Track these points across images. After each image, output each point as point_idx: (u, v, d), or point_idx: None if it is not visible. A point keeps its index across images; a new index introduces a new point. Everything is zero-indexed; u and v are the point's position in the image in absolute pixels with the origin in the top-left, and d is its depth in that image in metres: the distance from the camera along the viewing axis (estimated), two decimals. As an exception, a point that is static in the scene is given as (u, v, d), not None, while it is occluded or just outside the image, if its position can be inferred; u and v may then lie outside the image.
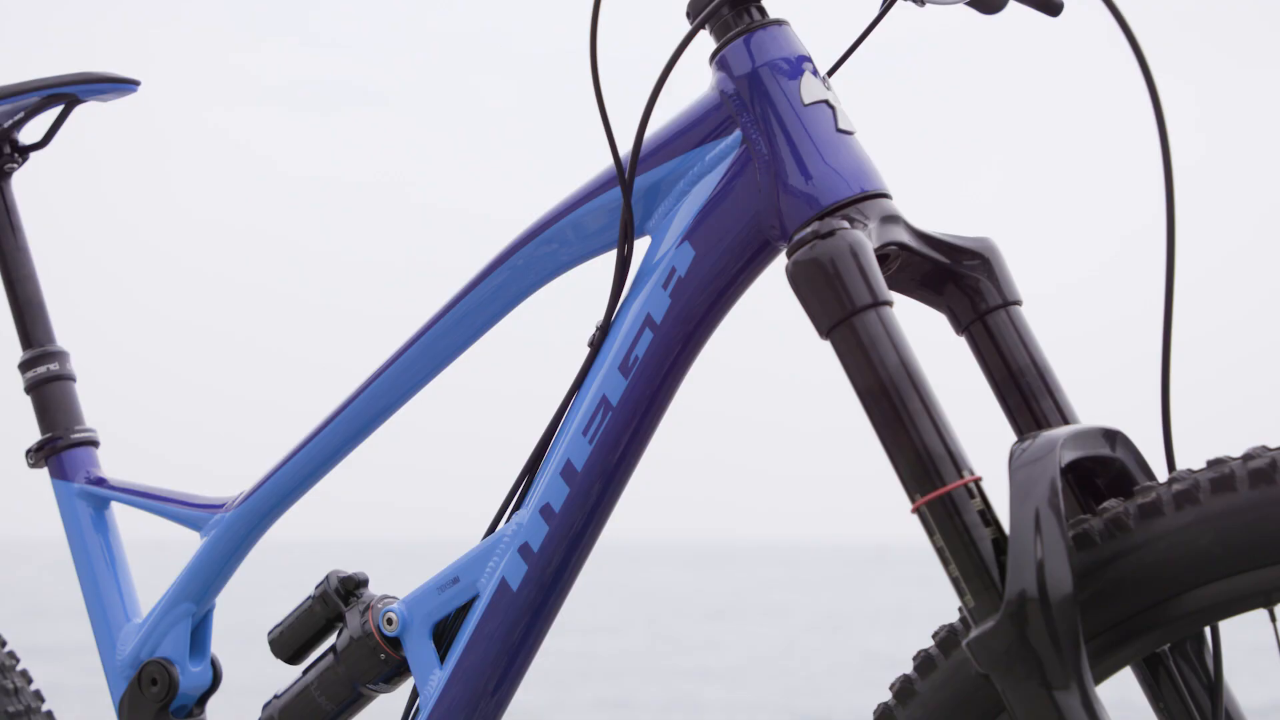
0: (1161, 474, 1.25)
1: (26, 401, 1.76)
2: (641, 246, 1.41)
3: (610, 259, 1.41)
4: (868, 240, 1.25)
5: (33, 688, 1.77)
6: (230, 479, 1.65)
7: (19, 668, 1.78)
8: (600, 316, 1.41)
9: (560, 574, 1.41)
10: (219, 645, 1.68)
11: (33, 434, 1.75)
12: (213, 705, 1.67)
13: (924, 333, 1.29)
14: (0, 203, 1.78)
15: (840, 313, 1.23)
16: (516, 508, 1.43)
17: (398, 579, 1.56)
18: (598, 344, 1.41)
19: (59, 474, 1.73)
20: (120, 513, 1.74)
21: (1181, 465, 1.23)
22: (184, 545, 1.65)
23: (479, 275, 1.47)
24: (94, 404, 1.79)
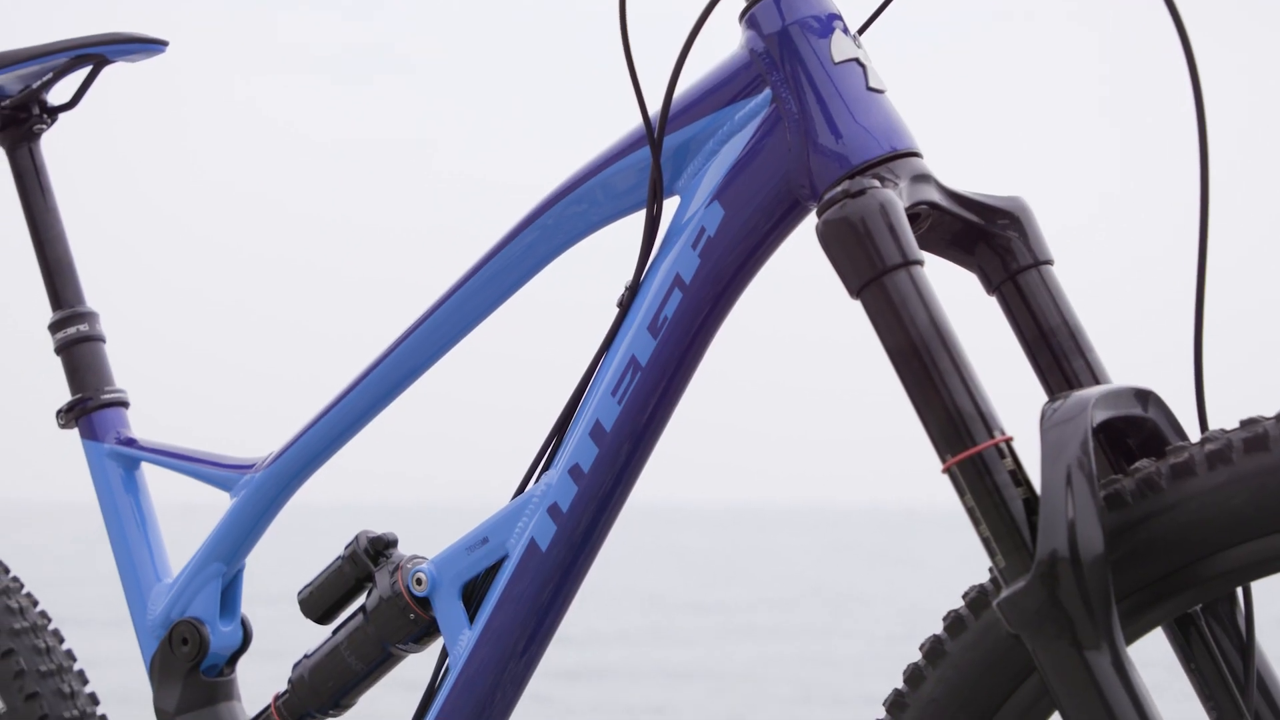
0: (1194, 434, 1.24)
1: (57, 363, 1.77)
2: (670, 206, 1.41)
3: (639, 219, 1.41)
4: (898, 199, 1.24)
5: (64, 647, 1.78)
6: (258, 447, 1.66)
7: (50, 628, 1.79)
8: (629, 277, 1.41)
9: (589, 535, 1.41)
10: (248, 606, 1.69)
11: (63, 395, 1.76)
12: (243, 665, 1.68)
13: (955, 293, 1.28)
14: (30, 163, 1.78)
15: (871, 272, 1.22)
16: (545, 468, 1.43)
17: (426, 542, 1.57)
18: (626, 304, 1.40)
19: (89, 434, 1.73)
20: (150, 476, 1.74)
21: (1214, 425, 1.22)
22: (213, 509, 1.66)
23: (508, 235, 1.47)
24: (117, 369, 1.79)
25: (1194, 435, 1.24)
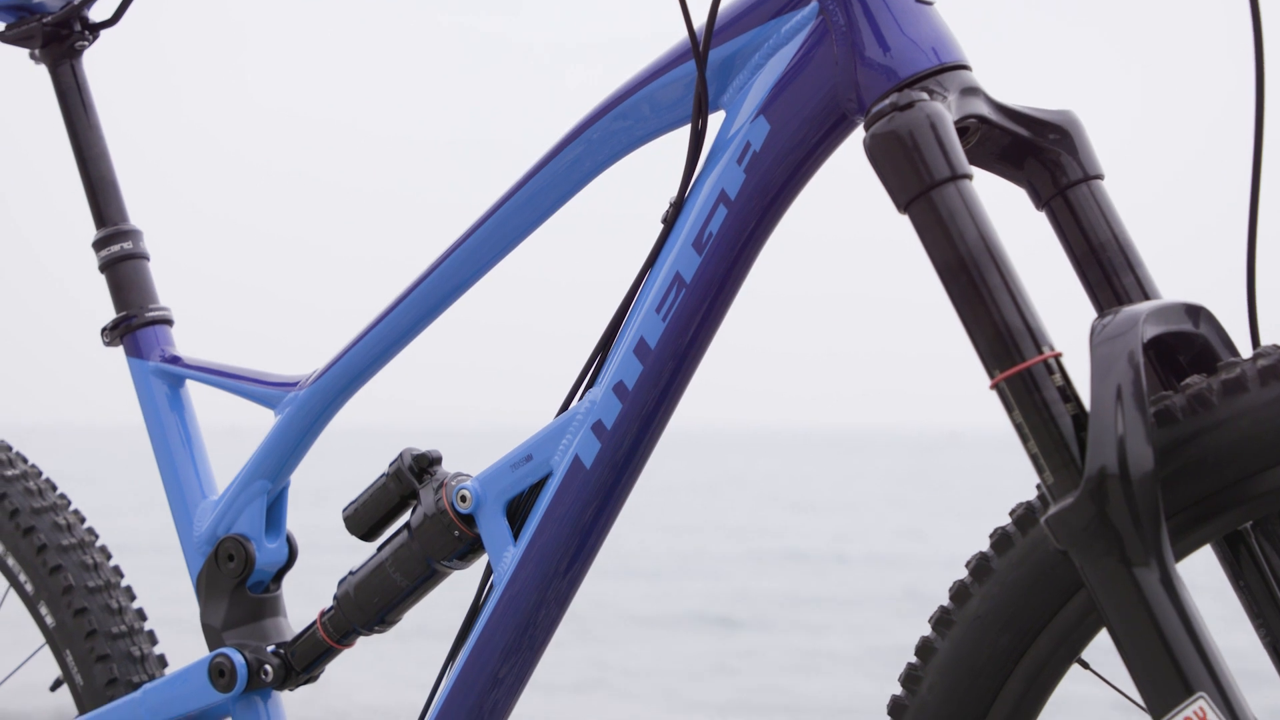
0: (1245, 349, 1.23)
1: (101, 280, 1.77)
2: (716, 121, 1.39)
3: (684, 134, 1.39)
4: (947, 113, 1.23)
5: (111, 563, 1.79)
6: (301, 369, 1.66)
7: (98, 544, 1.80)
8: (674, 192, 1.40)
9: (633, 453, 1.41)
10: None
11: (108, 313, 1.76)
12: (288, 581, 1.69)
13: (1003, 208, 1.26)
14: (72, 80, 1.78)
15: (919, 186, 1.21)
16: (590, 386, 1.43)
17: (469, 463, 1.56)
18: (671, 220, 1.39)
19: (134, 352, 1.74)
20: (195, 396, 1.75)
21: (1266, 340, 1.21)
22: (257, 431, 1.66)
23: (553, 150, 1.45)
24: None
25: (1245, 351, 1.23)
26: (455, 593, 1.59)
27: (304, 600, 1.84)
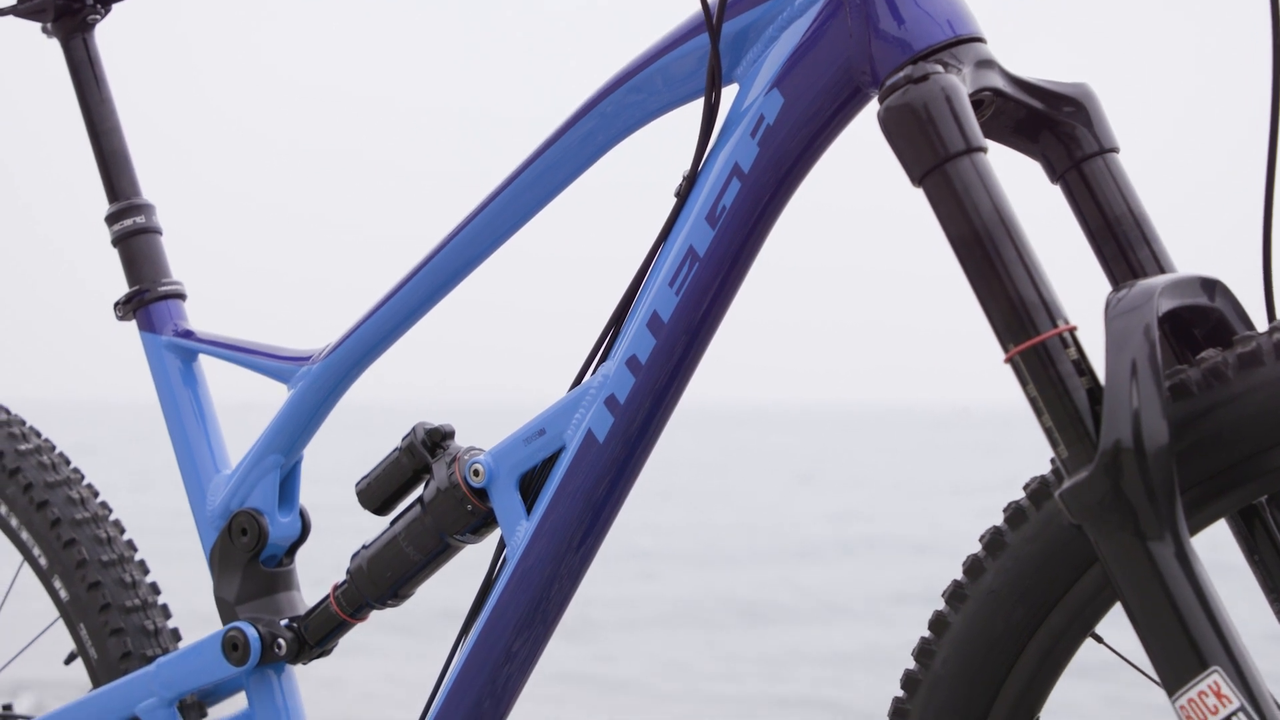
0: (1261, 324, 1.22)
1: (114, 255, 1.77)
2: (729, 95, 1.39)
3: (697, 107, 1.39)
4: (962, 85, 1.22)
5: (125, 538, 1.79)
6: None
7: (111, 518, 1.80)
8: (687, 166, 1.39)
9: (645, 428, 1.41)
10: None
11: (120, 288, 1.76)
12: (301, 555, 1.69)
13: (1018, 181, 1.26)
14: (84, 54, 1.78)
15: (933, 159, 1.20)
16: (603, 359, 1.43)
17: (482, 439, 1.56)
18: (684, 194, 1.39)
19: (147, 326, 1.74)
20: (208, 371, 1.75)
21: (1282, 315, 1.20)
22: (269, 408, 1.66)
23: (566, 124, 1.45)
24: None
25: (1261, 325, 1.22)
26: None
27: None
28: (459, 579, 1.55)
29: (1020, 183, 1.26)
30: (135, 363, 1.76)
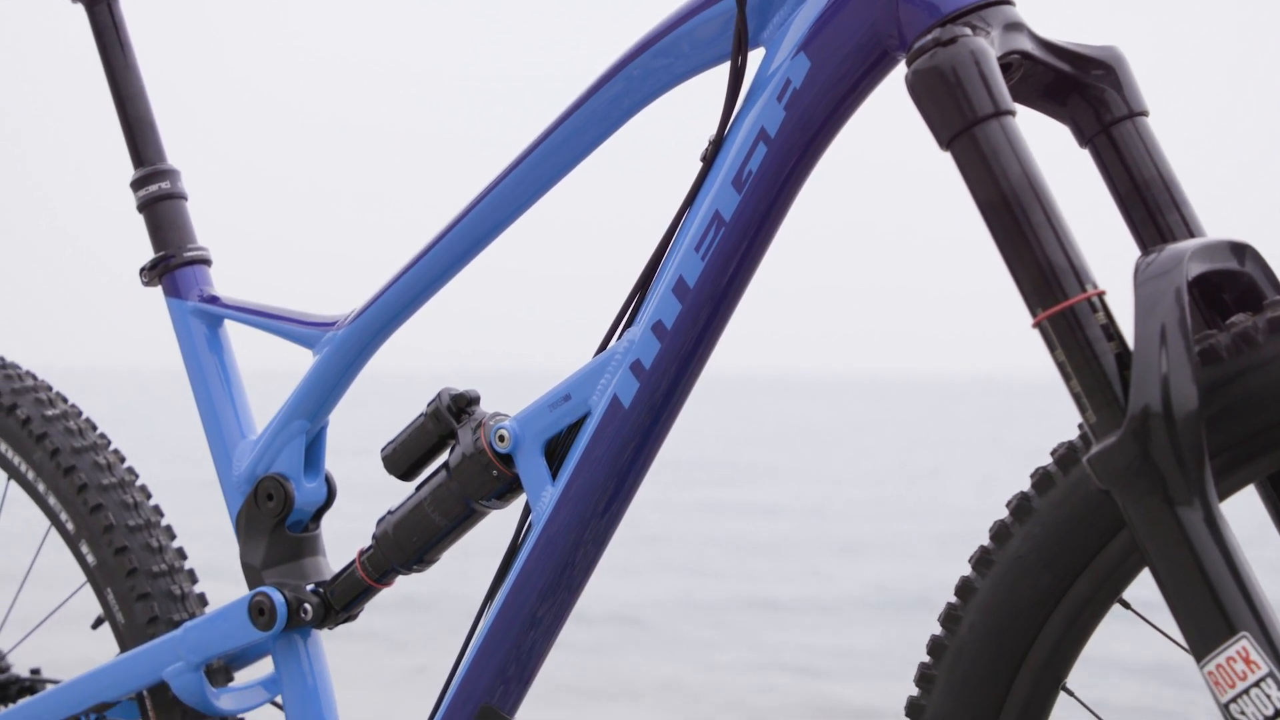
0: (1292, 288, 1.22)
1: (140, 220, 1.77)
2: (756, 58, 1.38)
3: (723, 71, 1.38)
4: (990, 48, 1.21)
5: (151, 503, 1.80)
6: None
7: (138, 483, 1.81)
8: (713, 130, 1.39)
9: (671, 394, 1.40)
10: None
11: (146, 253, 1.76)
12: (326, 521, 1.69)
13: (1046, 146, 1.25)
14: (109, 19, 1.78)
15: (961, 122, 1.19)
16: (629, 325, 1.42)
17: (507, 405, 1.56)
18: (710, 158, 1.38)
19: (173, 292, 1.74)
20: (233, 338, 1.75)
21: (1313, 279, 1.20)
22: (294, 375, 1.66)
23: (592, 87, 1.45)
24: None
25: (1292, 290, 1.21)
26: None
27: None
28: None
29: (1049, 147, 1.25)
30: (161, 329, 1.76)
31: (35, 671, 1.95)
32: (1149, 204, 1.28)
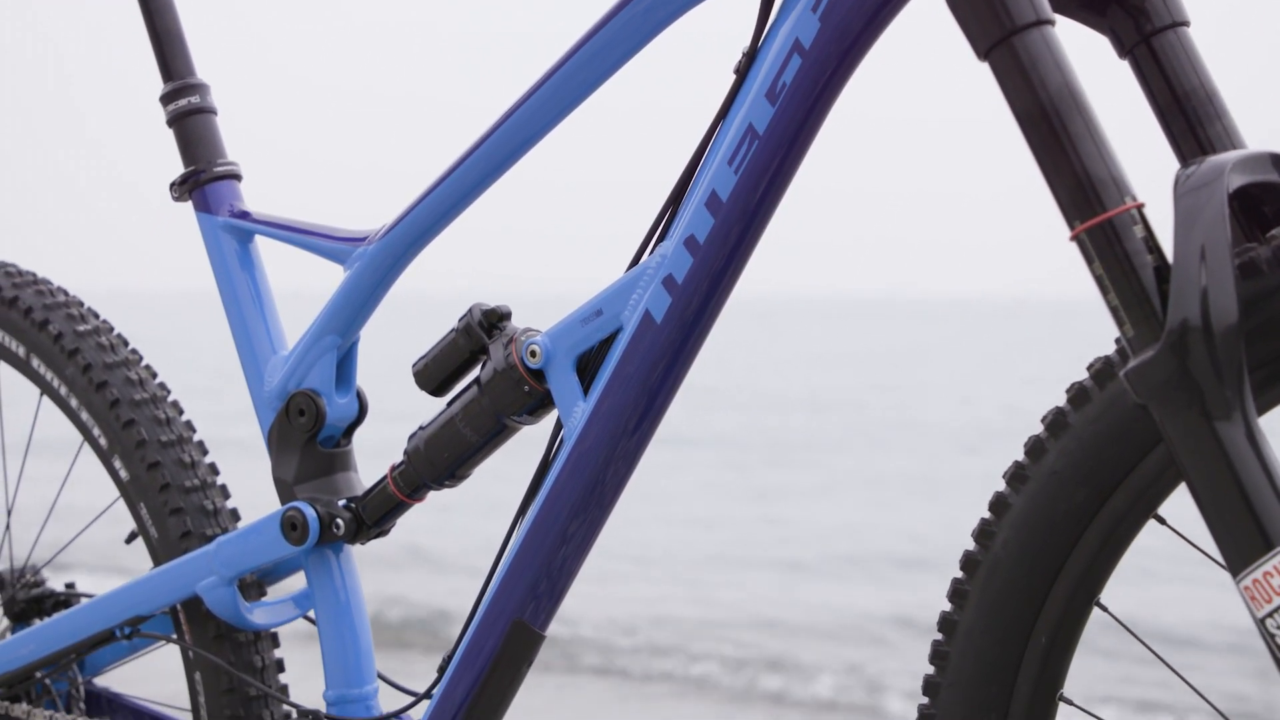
0: (1334, 201, 1.20)
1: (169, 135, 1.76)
2: (790, -31, 1.36)
3: None
4: None
5: (183, 419, 1.80)
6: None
7: (170, 399, 1.81)
8: (746, 42, 1.37)
9: (703, 310, 1.39)
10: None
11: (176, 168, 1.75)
12: (358, 436, 1.69)
13: (1085, 56, 1.23)
14: (135, -70, 1.76)
15: (1000, 32, 1.17)
16: (661, 239, 1.41)
17: (537, 320, 1.55)
18: (744, 71, 1.37)
19: (203, 207, 1.73)
20: (264, 255, 1.74)
21: (1356, 192, 1.18)
22: (322, 297, 1.65)
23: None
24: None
25: (1334, 202, 1.19)
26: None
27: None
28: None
29: (1088, 57, 1.23)
30: (188, 251, 1.75)
31: (70, 586, 1.96)
32: (1189, 116, 1.26)
